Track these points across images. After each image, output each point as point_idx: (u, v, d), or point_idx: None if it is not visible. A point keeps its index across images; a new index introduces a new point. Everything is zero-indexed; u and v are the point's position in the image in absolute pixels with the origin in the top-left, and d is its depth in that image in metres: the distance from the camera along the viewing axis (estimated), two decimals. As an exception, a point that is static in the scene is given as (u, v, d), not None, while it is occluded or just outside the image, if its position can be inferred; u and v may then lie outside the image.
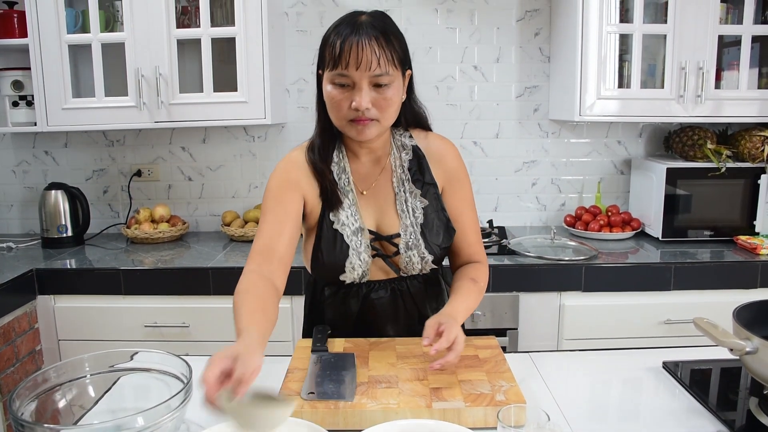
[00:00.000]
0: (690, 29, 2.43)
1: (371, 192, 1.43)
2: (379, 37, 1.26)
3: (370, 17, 1.30)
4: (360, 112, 1.28)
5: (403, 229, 1.41)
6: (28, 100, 2.62)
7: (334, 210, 1.39)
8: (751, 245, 2.42)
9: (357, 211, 1.40)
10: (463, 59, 2.84)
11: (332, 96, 1.30)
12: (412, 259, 1.41)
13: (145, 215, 2.77)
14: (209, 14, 2.46)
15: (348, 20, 1.29)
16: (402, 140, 1.46)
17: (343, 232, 1.38)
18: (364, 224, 1.40)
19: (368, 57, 1.24)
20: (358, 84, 1.26)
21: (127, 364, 1.21)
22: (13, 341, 2.17)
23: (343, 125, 1.33)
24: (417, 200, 1.42)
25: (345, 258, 1.38)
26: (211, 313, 2.32)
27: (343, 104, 1.29)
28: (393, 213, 1.42)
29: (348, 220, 1.39)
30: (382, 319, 1.46)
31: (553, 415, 1.14)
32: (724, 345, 1.12)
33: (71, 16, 2.51)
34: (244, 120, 2.53)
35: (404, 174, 1.43)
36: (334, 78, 1.29)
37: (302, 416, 1.08)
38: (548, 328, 2.34)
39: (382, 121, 1.32)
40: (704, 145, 2.57)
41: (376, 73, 1.26)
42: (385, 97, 1.29)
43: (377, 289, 1.44)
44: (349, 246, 1.38)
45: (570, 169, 2.93)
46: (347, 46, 1.24)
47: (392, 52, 1.28)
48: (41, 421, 1.07)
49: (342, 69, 1.26)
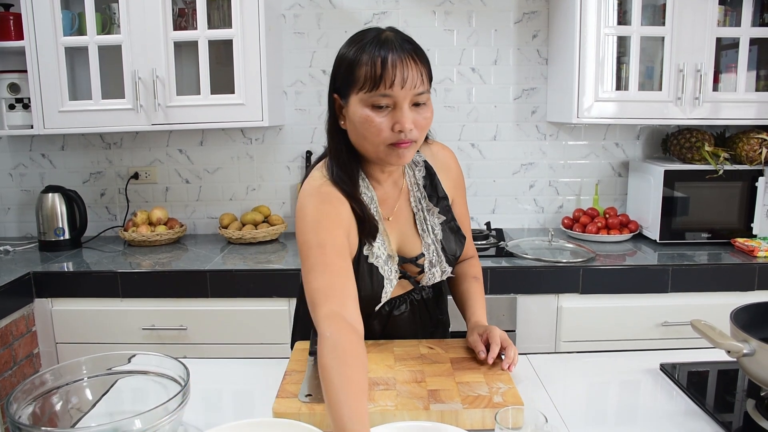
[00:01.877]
0: (688, 32, 2.43)
1: (394, 217, 1.39)
2: (414, 54, 1.20)
3: (394, 33, 1.22)
4: (403, 134, 1.20)
5: (425, 248, 1.41)
6: (24, 103, 2.62)
7: (369, 242, 1.32)
8: (748, 247, 2.42)
9: (386, 240, 1.36)
10: (460, 61, 2.84)
11: (370, 119, 1.19)
12: (435, 275, 1.42)
13: (143, 218, 2.77)
14: (206, 16, 2.46)
15: (373, 39, 1.20)
16: (414, 157, 1.43)
17: (377, 264, 1.33)
18: (393, 252, 1.37)
19: (413, 75, 1.18)
20: (399, 104, 1.19)
21: (125, 366, 1.20)
22: (10, 344, 2.17)
23: (380, 151, 1.23)
24: (435, 217, 1.43)
25: (381, 289, 1.34)
26: (209, 316, 2.32)
27: (384, 127, 1.19)
28: (414, 234, 1.41)
29: (379, 251, 1.34)
30: (403, 333, 1.46)
31: (551, 416, 1.14)
32: (721, 347, 1.12)
33: (68, 19, 2.51)
34: (242, 122, 2.52)
35: (420, 192, 1.42)
36: (372, 100, 1.18)
37: (300, 419, 1.08)
38: (546, 330, 2.34)
39: (418, 141, 1.25)
40: (702, 147, 2.57)
41: (419, 91, 1.20)
42: (425, 117, 1.23)
43: (398, 305, 1.45)
44: (384, 276, 1.34)
45: (568, 171, 2.93)
46: (390, 64, 1.16)
47: (426, 69, 1.23)
48: (39, 424, 1.06)
49: (385, 89, 1.17)
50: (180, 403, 1.03)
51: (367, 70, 1.17)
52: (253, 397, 1.31)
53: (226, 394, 1.34)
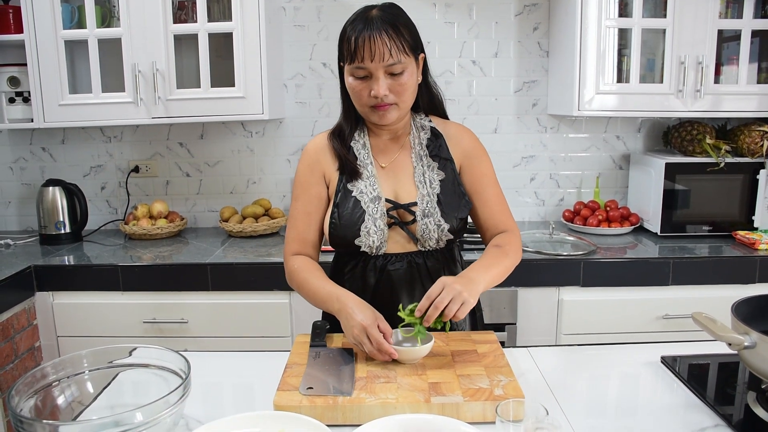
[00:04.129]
0: (689, 24, 2.42)
1: (390, 165, 1.52)
2: (389, 29, 1.36)
3: (380, 11, 1.40)
4: (379, 99, 1.39)
5: (419, 198, 1.47)
6: (24, 97, 2.62)
7: (352, 181, 1.49)
8: (749, 240, 2.42)
9: (376, 182, 1.49)
10: (461, 54, 2.83)
11: (353, 87, 1.42)
12: (428, 226, 1.45)
13: (143, 211, 2.77)
14: (206, 9, 2.45)
15: (361, 16, 1.40)
16: (422, 122, 1.56)
17: (360, 199, 1.47)
18: (381, 193, 1.48)
19: (380, 49, 1.35)
20: (374, 74, 1.38)
21: (126, 360, 1.20)
22: (11, 338, 2.17)
23: (366, 111, 1.45)
24: (434, 173, 1.50)
25: (361, 222, 1.45)
26: (210, 309, 2.32)
27: (363, 93, 1.41)
28: (411, 184, 1.49)
29: (366, 189, 1.48)
30: (398, 292, 1.48)
31: (552, 409, 1.14)
32: (722, 340, 1.12)
33: (67, 12, 2.50)
34: (242, 115, 2.52)
35: (422, 150, 1.52)
36: (353, 71, 1.40)
37: (301, 411, 1.08)
38: (547, 323, 2.35)
39: (400, 104, 1.43)
40: (703, 140, 2.57)
41: (389, 62, 1.37)
42: (400, 83, 1.40)
43: (394, 262, 1.48)
44: (366, 211, 1.45)
45: (568, 164, 2.92)
46: (361, 41, 1.36)
47: (402, 42, 1.38)
48: (40, 417, 1.06)
49: (359, 62, 1.37)
50: (181, 396, 1.03)
51: (347, 45, 1.39)
52: (253, 390, 1.31)
53: (227, 387, 1.34)
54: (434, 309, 1.23)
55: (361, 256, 1.49)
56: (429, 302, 1.25)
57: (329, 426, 1.03)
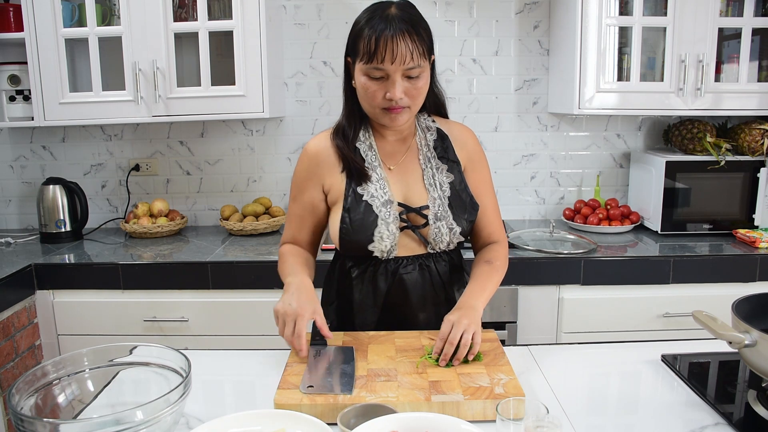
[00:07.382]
0: (690, 22, 2.42)
1: (398, 168, 1.49)
2: (411, 30, 1.32)
3: (399, 10, 1.35)
4: (393, 102, 1.35)
5: (431, 201, 1.46)
6: (25, 95, 2.62)
7: (361, 184, 1.45)
8: (750, 238, 2.42)
9: (386, 185, 1.46)
10: (461, 52, 2.83)
11: (367, 87, 1.36)
12: (441, 230, 1.45)
13: (144, 210, 2.77)
14: (206, 7, 2.45)
15: (379, 13, 1.33)
16: (426, 123, 1.54)
17: (372, 203, 1.43)
18: (393, 197, 1.45)
19: (402, 52, 1.30)
20: (392, 77, 1.33)
21: (126, 358, 1.20)
22: (12, 336, 2.17)
23: (376, 113, 1.40)
24: (443, 175, 1.49)
25: (374, 227, 1.42)
26: (210, 308, 2.32)
27: (378, 95, 1.35)
28: (421, 187, 1.47)
29: (377, 193, 1.44)
30: (410, 296, 1.48)
31: (552, 407, 1.14)
32: (722, 338, 1.12)
33: (67, 10, 2.50)
34: (242, 114, 2.52)
35: (430, 152, 1.50)
36: (368, 71, 1.34)
37: (301, 410, 1.08)
38: (547, 321, 2.35)
39: (412, 107, 1.40)
40: (704, 138, 2.56)
41: (410, 66, 1.32)
42: (416, 87, 1.36)
43: (405, 265, 1.47)
44: (378, 216, 1.42)
45: (569, 162, 2.92)
46: (382, 42, 1.30)
47: (422, 45, 1.34)
48: (41, 415, 1.06)
49: (377, 63, 1.31)
50: (181, 395, 1.03)
51: (365, 44, 1.32)
52: (254, 388, 1.31)
53: (227, 386, 1.34)
54: (449, 346, 1.25)
55: (371, 261, 1.47)
56: (443, 343, 1.27)
57: (329, 424, 1.03)
